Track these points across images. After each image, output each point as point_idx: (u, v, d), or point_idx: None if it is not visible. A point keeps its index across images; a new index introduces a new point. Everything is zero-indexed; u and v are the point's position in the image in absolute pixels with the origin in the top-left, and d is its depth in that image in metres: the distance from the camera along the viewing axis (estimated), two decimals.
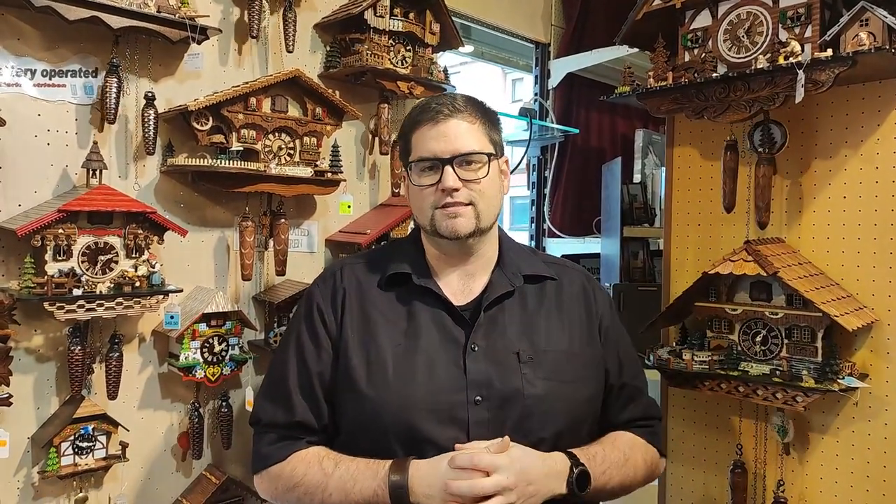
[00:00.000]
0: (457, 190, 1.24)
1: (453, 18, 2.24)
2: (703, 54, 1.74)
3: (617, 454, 1.30)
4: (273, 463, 1.27)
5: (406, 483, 1.15)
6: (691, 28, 1.78)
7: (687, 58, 1.78)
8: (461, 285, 1.33)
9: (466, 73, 6.92)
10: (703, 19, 1.76)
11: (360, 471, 1.19)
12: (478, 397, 1.22)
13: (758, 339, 1.73)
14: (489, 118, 1.33)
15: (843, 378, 1.60)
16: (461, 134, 1.26)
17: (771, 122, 1.75)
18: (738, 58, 1.69)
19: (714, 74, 1.69)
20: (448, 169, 1.24)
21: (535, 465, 1.16)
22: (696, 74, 1.73)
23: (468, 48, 3.52)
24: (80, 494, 1.70)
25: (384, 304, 1.31)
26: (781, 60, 1.56)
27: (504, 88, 10.38)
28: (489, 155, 1.28)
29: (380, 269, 1.35)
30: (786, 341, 1.69)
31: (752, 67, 1.62)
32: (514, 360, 1.25)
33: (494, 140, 1.32)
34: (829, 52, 1.51)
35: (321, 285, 1.38)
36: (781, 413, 1.77)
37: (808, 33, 1.58)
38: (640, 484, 1.35)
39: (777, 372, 1.65)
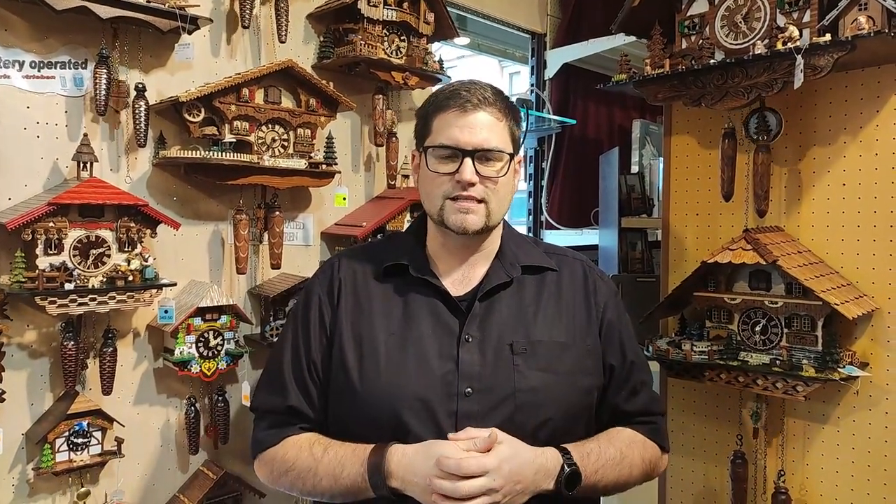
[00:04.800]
0: (472, 184, 1.22)
1: (448, 9, 2.22)
2: (701, 41, 1.72)
3: (613, 451, 1.26)
4: (267, 447, 1.29)
5: (384, 466, 1.14)
6: (688, 14, 1.76)
7: (684, 45, 1.77)
8: (460, 275, 1.32)
9: (463, 67, 6.90)
10: (700, 5, 1.74)
11: (348, 456, 1.19)
12: (468, 389, 1.20)
13: (757, 328, 1.72)
14: (514, 115, 1.30)
15: (844, 367, 1.60)
16: (487, 128, 1.23)
17: (767, 109, 1.74)
18: (736, 44, 1.67)
19: (712, 61, 1.67)
20: (468, 161, 1.22)
21: (524, 464, 1.14)
22: (693, 61, 1.71)
23: (464, 40, 3.50)
24: (83, 489, 1.69)
25: (380, 294, 1.31)
26: (780, 46, 1.54)
27: (501, 83, 10.38)
28: (510, 155, 1.26)
29: (377, 261, 1.34)
30: (785, 330, 1.68)
31: (750, 53, 1.61)
32: (507, 351, 1.24)
33: (515, 138, 1.30)
34: (828, 36, 1.50)
35: (320, 276, 1.39)
36: (756, 397, 1.77)
37: (806, 18, 1.56)
38: (635, 482, 1.32)
39: (777, 361, 1.64)
